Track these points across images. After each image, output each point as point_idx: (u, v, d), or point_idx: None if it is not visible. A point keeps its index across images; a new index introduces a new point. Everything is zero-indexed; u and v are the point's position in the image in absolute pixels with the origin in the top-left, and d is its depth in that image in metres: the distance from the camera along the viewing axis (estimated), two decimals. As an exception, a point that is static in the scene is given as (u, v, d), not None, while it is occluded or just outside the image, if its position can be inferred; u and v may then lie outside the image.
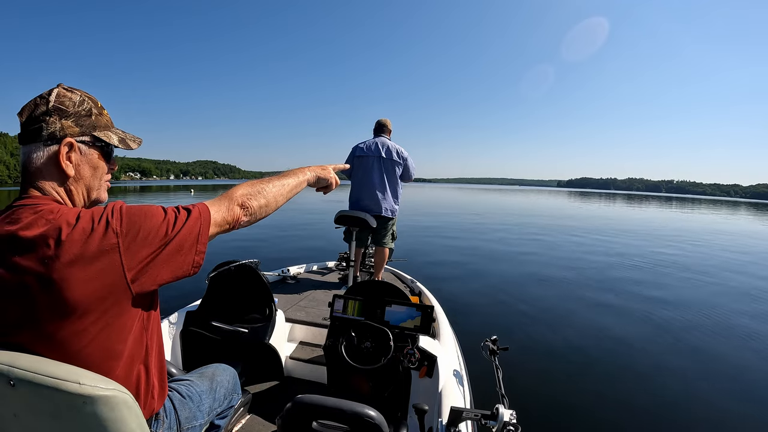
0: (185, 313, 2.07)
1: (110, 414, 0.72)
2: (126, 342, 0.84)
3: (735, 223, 23.04)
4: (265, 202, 1.00)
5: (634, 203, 50.50)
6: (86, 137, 0.88)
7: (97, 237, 0.76)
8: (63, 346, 0.76)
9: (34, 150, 0.84)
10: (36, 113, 0.83)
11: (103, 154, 0.92)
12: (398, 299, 1.99)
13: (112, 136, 0.93)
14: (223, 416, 1.35)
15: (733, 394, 3.16)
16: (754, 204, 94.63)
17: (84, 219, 0.78)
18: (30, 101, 0.86)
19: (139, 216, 0.81)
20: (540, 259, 8.64)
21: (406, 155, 3.58)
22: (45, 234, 0.75)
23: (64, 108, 0.85)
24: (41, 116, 0.83)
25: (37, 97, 0.85)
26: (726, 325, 4.78)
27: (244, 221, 0.97)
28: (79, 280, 0.74)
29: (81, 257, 0.74)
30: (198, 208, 0.89)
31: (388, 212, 3.52)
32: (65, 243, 0.74)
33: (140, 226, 0.80)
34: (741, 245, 12.73)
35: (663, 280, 7.11)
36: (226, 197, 0.95)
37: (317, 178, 1.18)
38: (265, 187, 1.01)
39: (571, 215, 23.24)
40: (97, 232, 0.77)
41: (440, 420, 1.30)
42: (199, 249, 0.87)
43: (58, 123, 0.84)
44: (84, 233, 0.76)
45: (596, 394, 3.06)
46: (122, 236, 0.78)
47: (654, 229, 16.68)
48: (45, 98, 0.85)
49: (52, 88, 0.87)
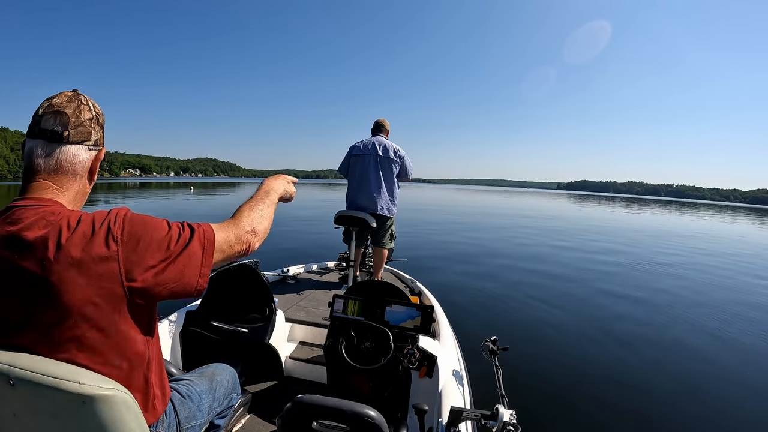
0: (185, 313, 2.07)
1: (110, 413, 0.72)
2: (125, 350, 0.84)
3: (734, 227, 23.07)
4: (268, 223, 1.04)
5: (634, 206, 50.55)
6: (101, 146, 0.93)
7: (96, 242, 0.76)
8: (62, 350, 0.76)
9: (73, 151, 0.85)
10: (82, 118, 0.86)
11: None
12: (398, 299, 1.99)
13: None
14: (223, 416, 1.35)
15: (734, 394, 3.17)
16: (753, 209, 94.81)
17: (85, 222, 0.78)
18: (63, 100, 0.84)
19: (141, 226, 0.81)
20: (540, 259, 8.64)
21: (403, 154, 3.58)
22: (45, 236, 0.75)
23: (100, 117, 0.91)
24: (86, 122, 0.87)
25: (73, 97, 0.86)
26: (727, 325, 4.78)
27: (257, 247, 0.99)
28: (77, 285, 0.74)
29: (79, 261, 0.74)
30: (203, 229, 0.88)
31: (385, 210, 3.51)
32: (64, 246, 0.74)
33: (141, 236, 0.79)
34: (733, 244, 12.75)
35: (663, 280, 7.12)
36: (233, 225, 0.95)
37: (286, 192, 1.21)
38: (263, 209, 1.04)
39: (573, 215, 23.26)
40: (97, 237, 0.76)
41: (440, 420, 1.30)
42: (203, 272, 0.85)
43: (99, 131, 0.90)
44: (84, 237, 0.76)
45: (596, 394, 3.06)
46: (122, 244, 0.77)
47: (656, 231, 16.70)
48: (85, 104, 0.87)
49: (78, 93, 0.89)
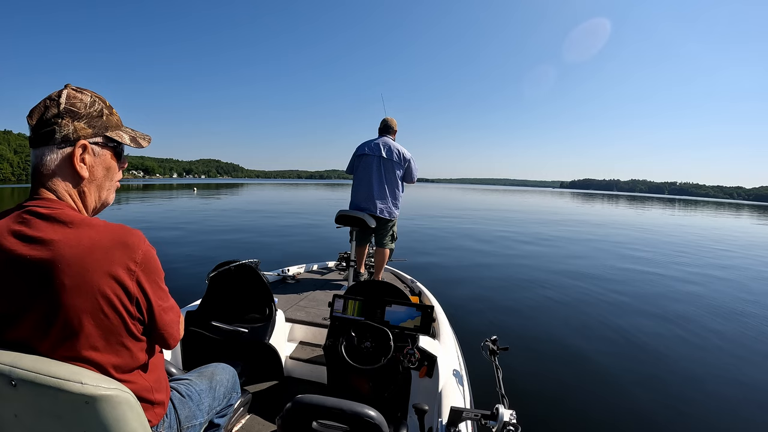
0: (185, 313, 2.07)
1: (112, 413, 0.73)
2: (128, 358, 0.85)
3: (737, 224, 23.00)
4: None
5: (637, 204, 50.44)
6: (99, 138, 0.88)
7: (110, 254, 0.78)
8: (64, 349, 0.77)
9: (47, 153, 0.83)
10: (47, 116, 0.82)
11: (115, 154, 0.92)
12: (398, 299, 1.99)
13: (123, 136, 0.93)
14: (223, 415, 1.36)
15: (735, 394, 3.16)
16: (756, 206, 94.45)
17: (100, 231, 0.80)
18: (39, 103, 0.84)
19: (157, 261, 0.88)
20: (541, 259, 8.62)
21: (409, 157, 3.55)
22: (53, 239, 0.75)
23: (76, 110, 0.84)
24: (53, 119, 0.82)
25: (46, 98, 0.84)
26: (728, 325, 4.77)
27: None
28: (80, 285, 0.75)
29: (88, 270, 0.75)
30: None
31: (385, 213, 3.48)
32: (73, 250, 0.75)
33: (155, 266, 0.86)
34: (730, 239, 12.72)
35: (665, 279, 7.10)
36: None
37: None
38: None
39: (573, 215, 23.22)
40: (111, 249, 0.79)
41: (440, 420, 1.30)
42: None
43: (71, 125, 0.83)
44: (98, 247, 0.77)
45: (596, 394, 3.06)
46: (138, 266, 0.82)
47: (657, 229, 16.66)
48: (55, 100, 0.83)
49: (60, 90, 0.85)
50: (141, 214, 16.11)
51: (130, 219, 14.29)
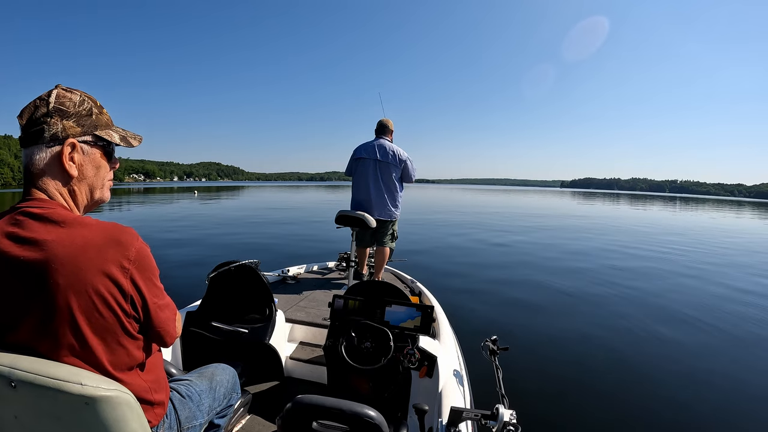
0: (185, 314, 2.08)
1: (112, 414, 0.73)
2: (125, 357, 0.85)
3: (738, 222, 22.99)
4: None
5: (638, 203, 50.40)
6: (88, 137, 0.89)
7: (103, 252, 0.78)
8: (63, 350, 0.77)
9: (36, 152, 0.84)
10: (36, 115, 0.83)
11: (105, 153, 0.93)
12: (398, 299, 2.00)
13: (113, 135, 0.93)
14: (223, 415, 1.36)
15: (736, 395, 3.15)
16: (757, 203, 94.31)
17: (93, 230, 0.80)
18: (29, 103, 0.85)
19: (150, 258, 0.88)
20: (541, 259, 8.61)
21: (405, 157, 3.56)
22: (46, 239, 0.76)
23: (65, 109, 0.85)
24: (42, 118, 0.83)
25: (36, 99, 0.85)
26: (729, 325, 4.76)
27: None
28: (77, 286, 0.75)
29: (82, 268, 0.75)
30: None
31: (384, 215, 3.49)
32: (67, 250, 0.75)
33: (149, 263, 0.86)
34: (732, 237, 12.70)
35: (665, 281, 7.09)
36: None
37: None
38: None
39: (575, 215, 23.21)
40: (104, 247, 0.79)
41: (440, 420, 1.30)
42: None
43: (59, 124, 0.84)
44: (91, 245, 0.78)
45: (596, 394, 3.05)
46: (132, 263, 0.82)
47: (657, 229, 16.65)
48: (45, 100, 0.84)
49: (50, 90, 0.87)
50: (142, 217, 16.15)
51: (130, 220, 14.31)
